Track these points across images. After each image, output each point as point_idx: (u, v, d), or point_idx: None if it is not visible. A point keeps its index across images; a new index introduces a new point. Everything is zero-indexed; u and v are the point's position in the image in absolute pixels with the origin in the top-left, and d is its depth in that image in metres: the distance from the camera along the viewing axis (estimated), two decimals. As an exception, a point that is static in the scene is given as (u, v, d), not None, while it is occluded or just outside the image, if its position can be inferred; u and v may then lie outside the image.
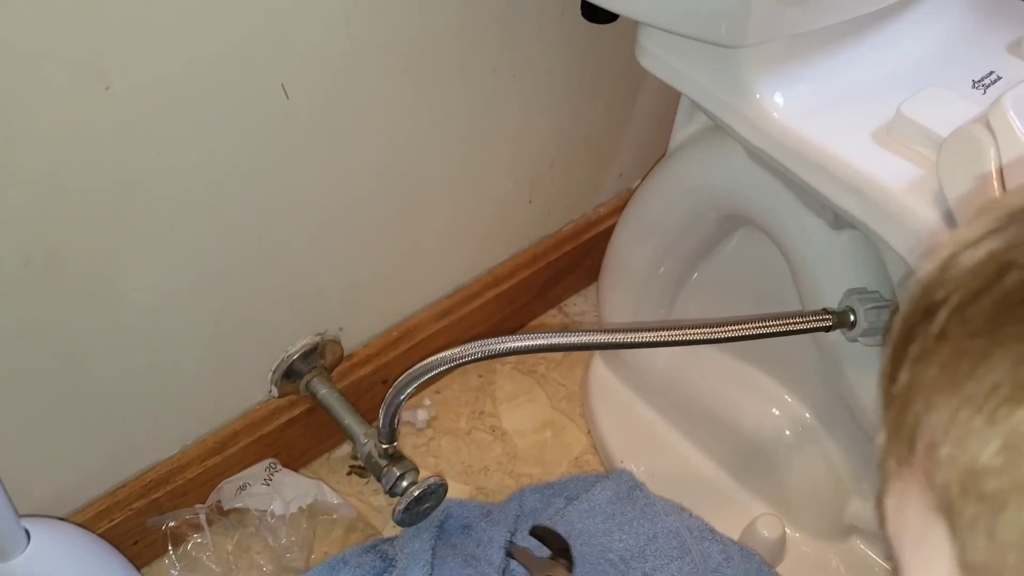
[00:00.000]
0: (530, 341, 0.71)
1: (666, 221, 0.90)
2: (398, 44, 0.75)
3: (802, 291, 0.80)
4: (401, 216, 0.89)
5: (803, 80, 0.67)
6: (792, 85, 0.67)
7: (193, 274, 0.76)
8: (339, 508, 0.91)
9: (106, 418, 0.79)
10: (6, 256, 0.64)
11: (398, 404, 0.77)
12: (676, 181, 0.88)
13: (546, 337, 0.71)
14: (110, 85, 0.61)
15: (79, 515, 0.82)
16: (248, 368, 0.88)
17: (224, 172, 0.71)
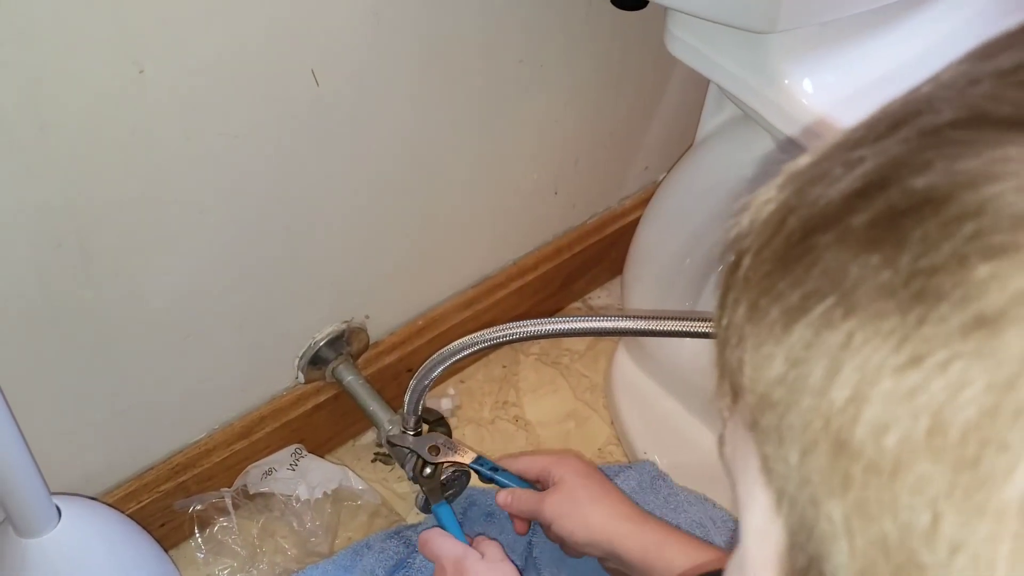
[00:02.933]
0: (554, 325, 0.71)
1: (692, 214, 0.90)
2: (426, 33, 0.75)
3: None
4: (427, 206, 0.89)
5: (832, 67, 0.67)
6: (821, 72, 0.67)
7: (222, 260, 0.77)
8: (364, 494, 0.91)
9: (135, 401, 0.80)
10: (40, 240, 0.65)
11: (423, 389, 0.77)
12: (703, 173, 0.88)
13: (569, 321, 0.71)
14: (144, 69, 0.62)
15: (108, 496, 0.83)
16: (275, 354, 0.89)
17: (253, 158, 0.72)
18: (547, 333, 0.71)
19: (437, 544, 0.74)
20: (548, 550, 0.85)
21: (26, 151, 0.60)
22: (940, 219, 0.19)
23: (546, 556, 0.85)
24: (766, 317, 0.21)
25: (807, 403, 0.20)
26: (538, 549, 0.86)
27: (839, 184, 0.21)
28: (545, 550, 0.85)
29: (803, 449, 0.21)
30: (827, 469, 0.20)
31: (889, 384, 0.19)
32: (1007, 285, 0.18)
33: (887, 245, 0.19)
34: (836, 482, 0.20)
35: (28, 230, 0.64)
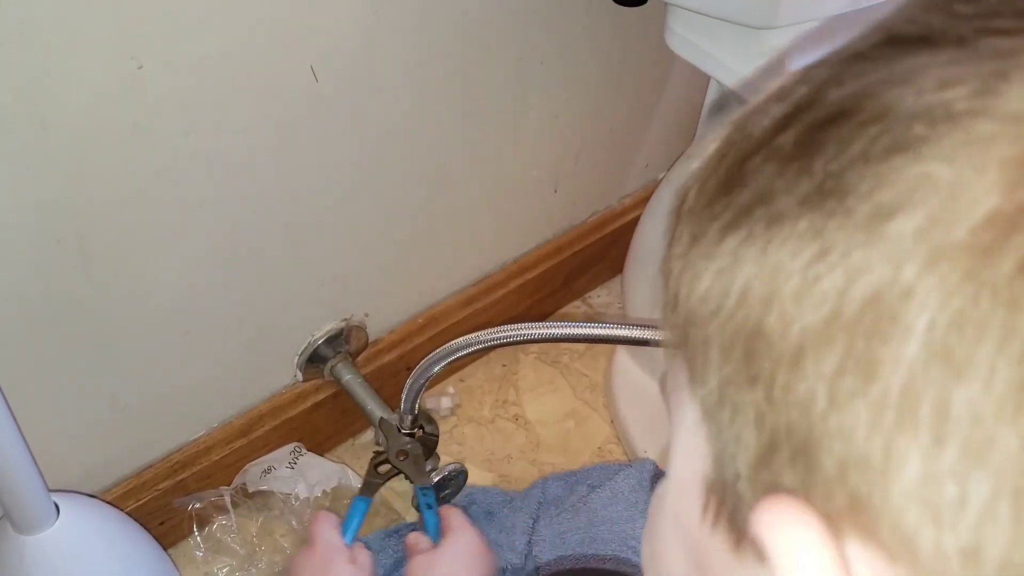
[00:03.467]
0: (555, 329, 0.71)
1: (692, 210, 0.90)
2: (425, 30, 0.75)
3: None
4: (427, 203, 0.89)
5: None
6: (822, 68, 0.66)
7: (221, 257, 0.77)
8: (362, 492, 0.91)
9: (135, 398, 0.80)
10: (39, 238, 0.65)
11: (420, 386, 0.77)
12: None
13: (572, 327, 0.71)
14: (143, 65, 0.62)
15: (107, 494, 0.83)
16: (274, 352, 0.89)
17: (252, 155, 0.72)
18: (548, 337, 0.71)
19: (322, 526, 0.76)
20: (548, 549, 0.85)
21: (26, 149, 0.60)
22: (850, 125, 0.20)
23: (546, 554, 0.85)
24: (702, 240, 0.23)
25: (728, 307, 0.21)
26: (538, 547, 0.86)
27: (772, 112, 0.23)
28: (545, 548, 0.85)
29: (723, 350, 0.22)
30: (742, 364, 0.21)
31: (798, 278, 0.20)
32: (903, 175, 0.19)
33: (806, 155, 0.21)
34: (749, 375, 0.21)
35: (28, 228, 0.64)
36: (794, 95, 0.22)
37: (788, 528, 0.20)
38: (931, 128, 0.19)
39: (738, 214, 0.22)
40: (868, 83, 0.21)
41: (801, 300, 0.20)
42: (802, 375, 0.20)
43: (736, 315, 0.21)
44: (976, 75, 0.19)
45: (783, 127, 0.22)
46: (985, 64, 0.19)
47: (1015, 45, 0.19)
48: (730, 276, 0.21)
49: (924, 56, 0.20)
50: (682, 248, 0.23)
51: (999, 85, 0.19)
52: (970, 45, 0.20)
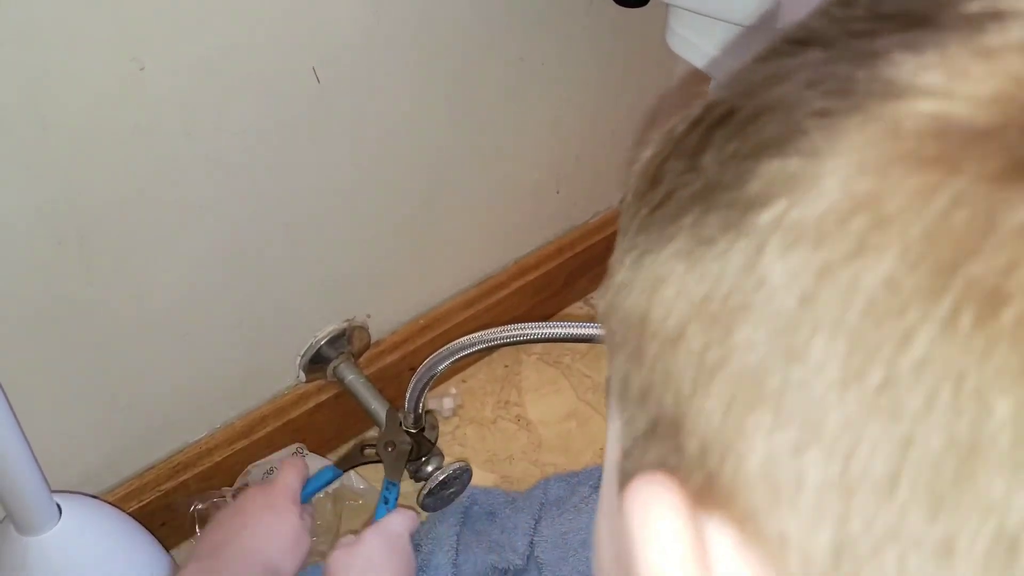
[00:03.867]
0: (558, 330, 0.71)
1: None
2: (427, 31, 0.75)
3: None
4: (428, 204, 0.89)
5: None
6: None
7: (222, 258, 0.77)
8: (365, 494, 0.91)
9: (136, 399, 0.80)
10: (40, 237, 0.65)
11: (423, 386, 0.77)
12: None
13: (574, 327, 0.71)
14: (144, 67, 0.62)
15: (109, 495, 0.83)
16: (276, 353, 0.89)
17: (255, 156, 0.72)
18: (552, 337, 0.71)
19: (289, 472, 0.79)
20: (550, 549, 0.85)
21: (27, 150, 0.60)
22: (732, 124, 0.22)
23: (548, 555, 0.85)
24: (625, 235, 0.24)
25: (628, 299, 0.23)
26: (540, 548, 0.86)
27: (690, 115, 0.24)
28: (547, 549, 0.85)
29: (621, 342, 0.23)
30: (634, 353, 0.23)
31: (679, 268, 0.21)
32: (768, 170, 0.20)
33: (699, 153, 0.22)
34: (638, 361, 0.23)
35: (28, 229, 0.64)
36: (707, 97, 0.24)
37: (649, 504, 0.21)
38: (792, 125, 0.20)
39: (650, 211, 0.23)
40: (750, 83, 0.22)
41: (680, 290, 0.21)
42: (675, 357, 0.21)
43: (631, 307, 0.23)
44: (833, 75, 0.20)
45: (692, 128, 0.23)
46: (842, 65, 0.21)
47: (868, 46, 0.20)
48: (635, 269, 0.23)
49: (798, 57, 0.22)
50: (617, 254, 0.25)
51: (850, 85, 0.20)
52: (835, 47, 0.21)
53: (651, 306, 0.22)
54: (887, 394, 0.18)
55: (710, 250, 0.21)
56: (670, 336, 0.21)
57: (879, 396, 0.18)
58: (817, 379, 0.18)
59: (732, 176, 0.21)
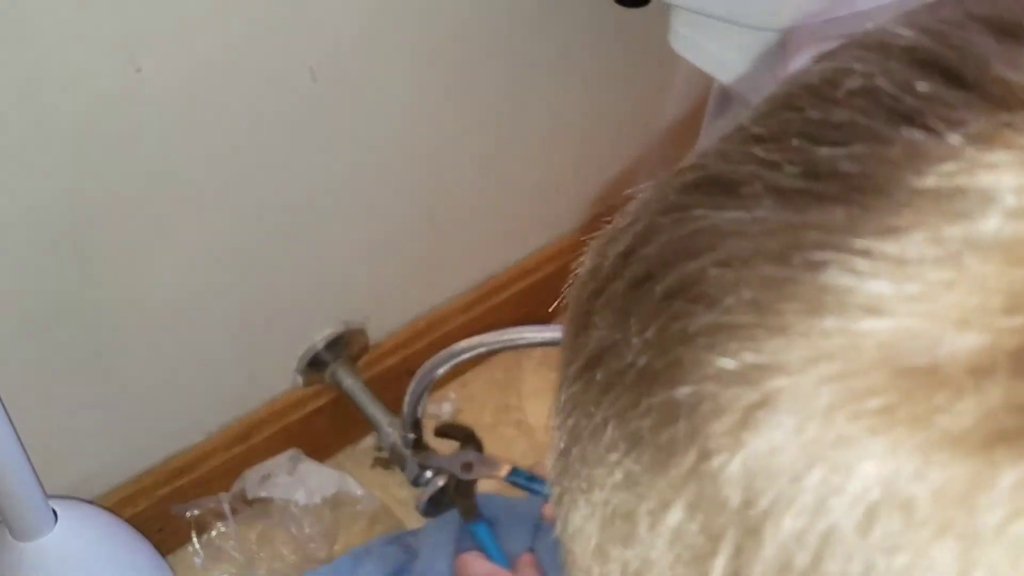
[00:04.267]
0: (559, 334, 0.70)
1: (695, 213, 0.89)
2: (426, 31, 0.75)
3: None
4: (428, 206, 0.89)
5: (838, 64, 0.66)
6: (827, 69, 0.66)
7: (219, 262, 0.76)
8: (363, 499, 0.91)
9: (132, 404, 0.79)
10: (35, 239, 0.64)
11: (423, 390, 0.76)
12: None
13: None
14: (141, 67, 0.61)
15: (104, 500, 0.82)
16: (273, 357, 0.88)
17: (251, 157, 0.71)
18: (551, 341, 0.70)
19: (473, 567, 0.73)
20: (551, 557, 0.84)
21: (21, 150, 0.60)
22: (653, 296, 0.19)
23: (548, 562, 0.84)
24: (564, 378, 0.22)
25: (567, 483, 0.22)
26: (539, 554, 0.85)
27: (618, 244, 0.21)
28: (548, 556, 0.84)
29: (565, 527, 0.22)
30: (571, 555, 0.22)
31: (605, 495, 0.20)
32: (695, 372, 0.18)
33: (626, 317, 0.20)
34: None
35: (23, 231, 0.63)
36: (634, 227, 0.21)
37: None
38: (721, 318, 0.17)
39: (585, 365, 0.21)
40: (670, 241, 0.19)
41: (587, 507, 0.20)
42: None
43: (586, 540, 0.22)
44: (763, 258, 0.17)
45: (619, 270, 0.21)
46: (772, 241, 0.17)
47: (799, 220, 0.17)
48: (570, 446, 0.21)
49: (724, 214, 0.18)
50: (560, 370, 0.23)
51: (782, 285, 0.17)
52: (764, 210, 0.18)
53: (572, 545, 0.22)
54: None
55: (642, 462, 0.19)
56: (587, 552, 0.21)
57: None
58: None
59: (659, 367, 0.19)
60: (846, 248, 0.16)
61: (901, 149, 0.17)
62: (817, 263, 0.17)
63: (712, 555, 0.17)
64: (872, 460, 0.16)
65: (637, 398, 0.19)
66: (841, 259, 0.16)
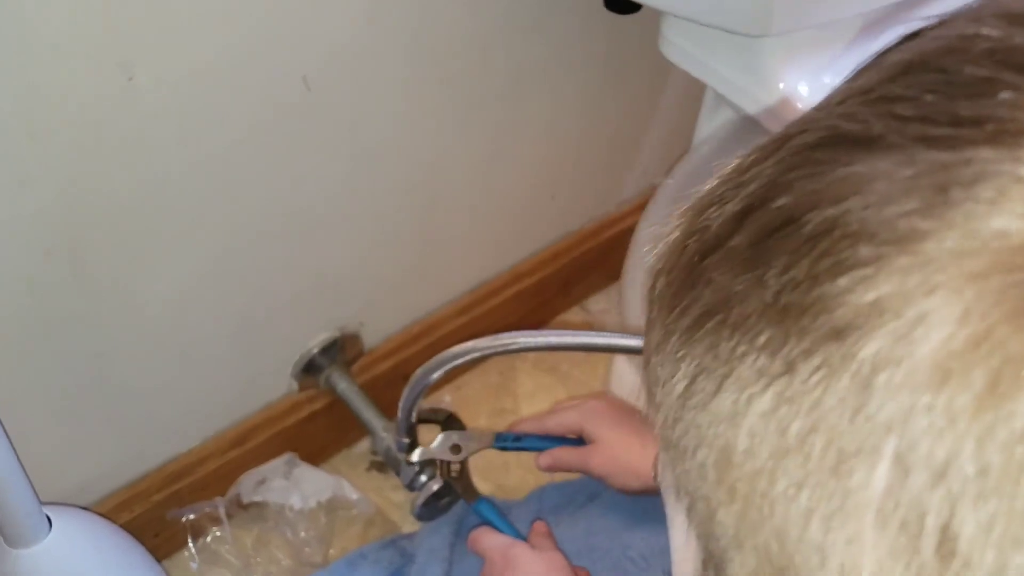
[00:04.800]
0: (553, 338, 0.70)
1: (689, 217, 0.89)
2: (420, 38, 0.75)
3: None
4: (423, 212, 0.89)
5: (828, 71, 0.66)
6: (817, 76, 0.66)
7: (214, 268, 0.76)
8: (358, 503, 0.91)
9: (128, 410, 0.80)
10: (29, 249, 0.64)
11: (416, 395, 0.76)
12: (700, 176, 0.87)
13: (570, 335, 0.70)
14: (133, 76, 0.61)
15: (100, 506, 0.83)
16: (268, 362, 0.88)
17: (245, 165, 0.72)
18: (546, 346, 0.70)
19: (485, 539, 0.73)
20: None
21: (16, 160, 0.60)
22: (798, 238, 0.20)
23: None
24: (672, 337, 0.23)
25: (700, 420, 0.22)
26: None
27: (727, 206, 0.22)
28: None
29: (699, 464, 0.22)
30: (716, 481, 0.21)
31: (762, 397, 0.20)
32: (857, 299, 0.19)
33: (758, 265, 0.21)
34: (724, 493, 0.21)
35: (17, 239, 0.63)
36: (747, 189, 0.22)
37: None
38: (876, 248, 0.19)
39: (702, 316, 0.22)
40: (811, 191, 0.20)
41: (767, 421, 0.20)
42: (774, 500, 0.20)
43: (706, 430, 0.21)
44: (917, 191, 0.19)
45: (736, 228, 0.22)
46: (925, 178, 0.19)
47: (953, 159, 0.19)
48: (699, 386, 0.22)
49: (866, 164, 0.20)
50: (656, 341, 0.24)
51: (940, 205, 0.18)
52: (910, 155, 0.19)
53: (734, 438, 0.21)
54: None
55: (797, 382, 0.19)
56: (764, 475, 0.20)
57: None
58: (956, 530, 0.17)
59: (809, 299, 0.19)
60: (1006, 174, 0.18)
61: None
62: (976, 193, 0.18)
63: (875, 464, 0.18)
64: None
65: (784, 332, 0.20)
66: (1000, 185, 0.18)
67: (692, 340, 0.22)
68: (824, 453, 0.19)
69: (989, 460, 0.17)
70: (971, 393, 0.17)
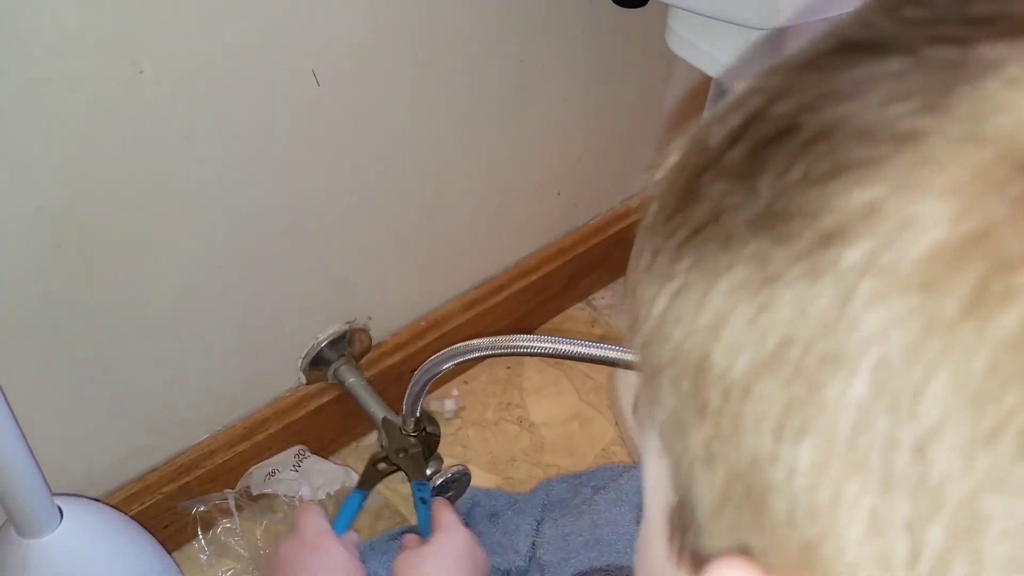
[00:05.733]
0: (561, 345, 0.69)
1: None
2: (427, 33, 0.75)
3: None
4: (429, 206, 0.89)
5: (834, 63, 0.67)
6: (823, 68, 0.66)
7: (223, 261, 0.77)
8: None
9: (137, 403, 0.80)
10: (39, 241, 0.65)
11: (422, 389, 0.77)
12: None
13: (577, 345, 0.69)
14: (143, 70, 0.62)
15: (110, 498, 0.83)
16: (277, 355, 0.89)
17: (254, 159, 0.72)
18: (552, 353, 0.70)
19: (307, 514, 0.76)
20: (552, 551, 0.85)
21: (25, 153, 0.60)
22: (795, 143, 0.19)
23: (550, 556, 0.85)
24: (660, 257, 0.22)
25: (678, 333, 0.21)
26: (542, 549, 0.85)
27: (728, 123, 0.22)
28: (549, 550, 0.85)
29: (673, 379, 0.21)
30: (690, 396, 0.20)
31: (745, 306, 0.19)
32: (849, 201, 0.18)
33: (752, 174, 0.20)
34: (697, 409, 0.20)
35: (27, 232, 0.64)
36: (747, 106, 0.22)
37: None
38: (874, 149, 0.18)
39: (691, 232, 0.21)
40: (813, 96, 0.20)
41: (747, 329, 0.19)
42: (748, 412, 0.19)
43: (684, 343, 0.21)
44: (921, 90, 0.18)
45: (734, 141, 0.21)
46: (931, 76, 0.18)
47: (961, 56, 0.18)
48: (682, 301, 0.21)
49: (871, 66, 0.19)
50: (644, 264, 0.23)
51: (944, 102, 0.18)
52: (917, 54, 0.19)
53: (711, 349, 0.20)
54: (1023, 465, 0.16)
55: (781, 289, 0.18)
56: (739, 387, 0.19)
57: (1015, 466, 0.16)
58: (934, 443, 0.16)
59: (800, 204, 0.19)
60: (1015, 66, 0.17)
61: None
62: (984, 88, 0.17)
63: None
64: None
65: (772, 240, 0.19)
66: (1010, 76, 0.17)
67: (679, 257, 0.21)
68: (800, 363, 0.18)
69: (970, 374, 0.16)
70: (955, 300, 0.16)
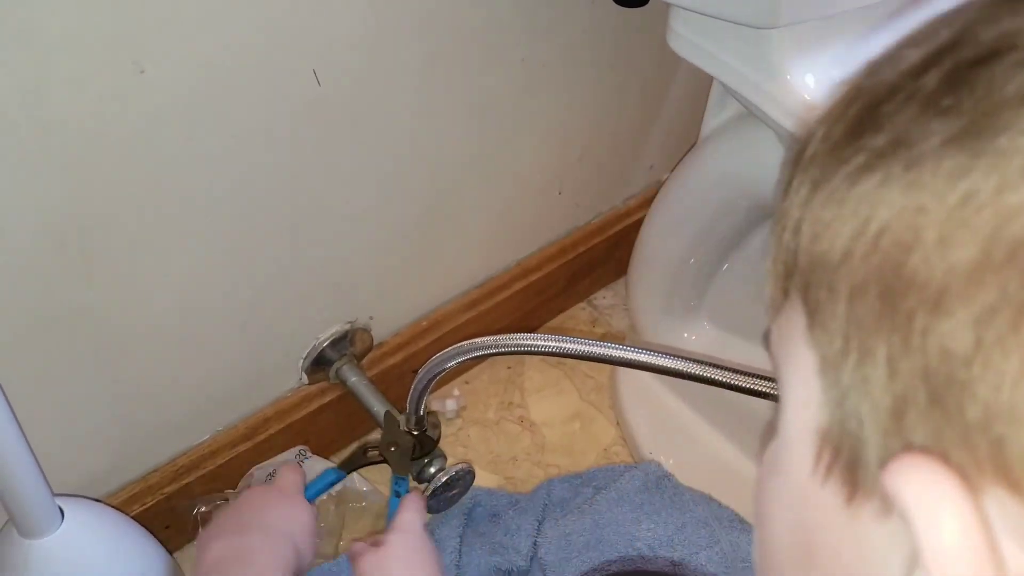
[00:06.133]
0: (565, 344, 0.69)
1: (697, 212, 0.90)
2: (428, 34, 0.75)
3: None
4: (430, 206, 0.89)
5: (835, 62, 0.67)
6: (824, 67, 0.66)
7: (224, 261, 0.77)
8: (368, 495, 0.91)
9: (139, 403, 0.80)
10: (41, 241, 0.65)
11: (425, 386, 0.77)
12: (707, 170, 0.87)
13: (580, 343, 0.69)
14: (145, 69, 0.62)
15: (112, 498, 0.83)
16: (279, 355, 0.89)
17: (255, 159, 0.72)
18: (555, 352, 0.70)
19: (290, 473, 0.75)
20: (554, 551, 0.85)
21: (28, 153, 0.60)
22: (1003, 65, 0.20)
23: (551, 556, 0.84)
24: (826, 185, 0.22)
25: (862, 250, 0.21)
26: (544, 549, 0.85)
27: (910, 57, 0.22)
28: (551, 550, 0.85)
29: (853, 294, 0.21)
30: (877, 308, 0.21)
31: (945, 218, 0.19)
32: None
33: (951, 95, 0.20)
34: (885, 320, 0.20)
35: (29, 232, 0.64)
36: (935, 39, 0.22)
37: (925, 486, 0.19)
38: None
39: (872, 158, 0.21)
40: (1020, 25, 0.20)
41: (948, 240, 0.19)
42: (946, 318, 0.19)
43: (871, 258, 0.21)
44: None
45: (924, 69, 0.21)
46: None
47: None
48: (864, 219, 0.21)
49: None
50: (802, 197, 0.23)
51: None
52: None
53: (905, 261, 0.20)
54: None
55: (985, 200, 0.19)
56: (937, 295, 0.19)
57: None
58: None
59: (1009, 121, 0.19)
60: None
61: None
62: None
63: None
64: None
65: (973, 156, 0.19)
66: None
67: (857, 182, 0.21)
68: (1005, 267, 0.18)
69: None
70: None
